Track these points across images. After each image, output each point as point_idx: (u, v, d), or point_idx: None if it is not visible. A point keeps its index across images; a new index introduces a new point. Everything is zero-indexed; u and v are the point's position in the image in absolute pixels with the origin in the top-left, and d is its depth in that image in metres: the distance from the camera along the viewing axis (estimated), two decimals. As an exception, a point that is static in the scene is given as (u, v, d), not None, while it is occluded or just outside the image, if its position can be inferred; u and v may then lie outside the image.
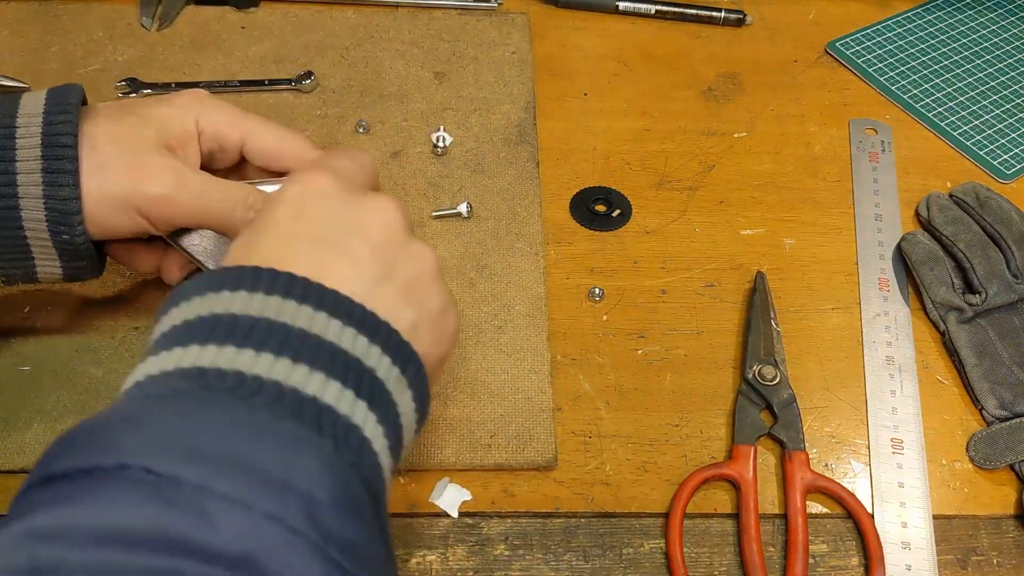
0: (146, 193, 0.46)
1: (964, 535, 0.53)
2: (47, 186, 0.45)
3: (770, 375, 0.56)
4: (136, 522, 0.27)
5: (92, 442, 0.30)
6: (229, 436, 0.30)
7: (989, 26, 0.82)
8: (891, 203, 0.68)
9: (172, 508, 0.27)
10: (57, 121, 0.46)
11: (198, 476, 0.28)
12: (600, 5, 0.79)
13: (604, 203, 0.66)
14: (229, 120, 0.51)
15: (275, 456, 0.30)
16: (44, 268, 0.48)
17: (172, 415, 0.31)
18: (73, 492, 0.28)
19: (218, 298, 0.35)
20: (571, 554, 0.51)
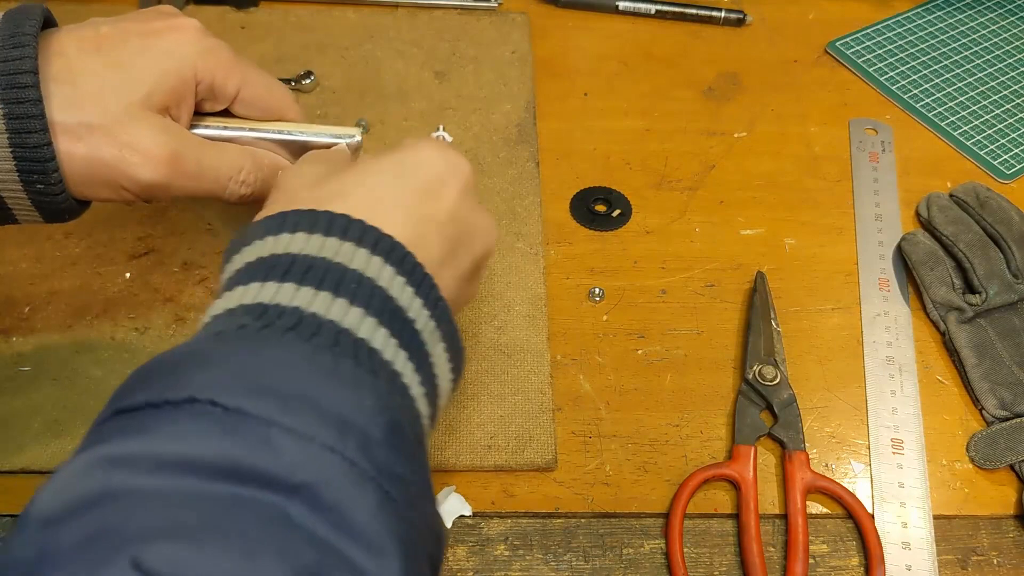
0: (136, 178, 0.43)
1: (964, 535, 0.53)
2: (12, 133, 0.41)
3: (770, 375, 0.56)
4: (203, 451, 0.28)
5: (162, 378, 0.31)
6: (291, 373, 0.31)
7: (989, 26, 0.82)
8: (891, 203, 0.68)
9: (237, 438, 0.29)
10: (13, 56, 0.40)
11: (262, 410, 0.29)
12: (600, 5, 0.79)
13: (604, 203, 0.66)
14: (228, 68, 0.47)
15: (334, 393, 0.31)
16: (23, 216, 0.45)
17: (237, 352, 0.32)
18: (144, 423, 0.30)
19: (277, 240, 0.35)
20: (571, 554, 0.51)
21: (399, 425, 0.33)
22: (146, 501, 0.27)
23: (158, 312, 0.58)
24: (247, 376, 0.31)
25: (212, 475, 0.28)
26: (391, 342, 0.34)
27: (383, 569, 0.28)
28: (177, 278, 0.59)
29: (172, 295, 0.58)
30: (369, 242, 0.35)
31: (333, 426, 0.30)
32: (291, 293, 0.33)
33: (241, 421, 0.29)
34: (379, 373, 0.33)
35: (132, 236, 0.61)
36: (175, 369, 0.32)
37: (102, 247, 0.60)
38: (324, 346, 0.32)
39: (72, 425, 0.53)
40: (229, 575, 0.26)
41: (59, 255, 0.60)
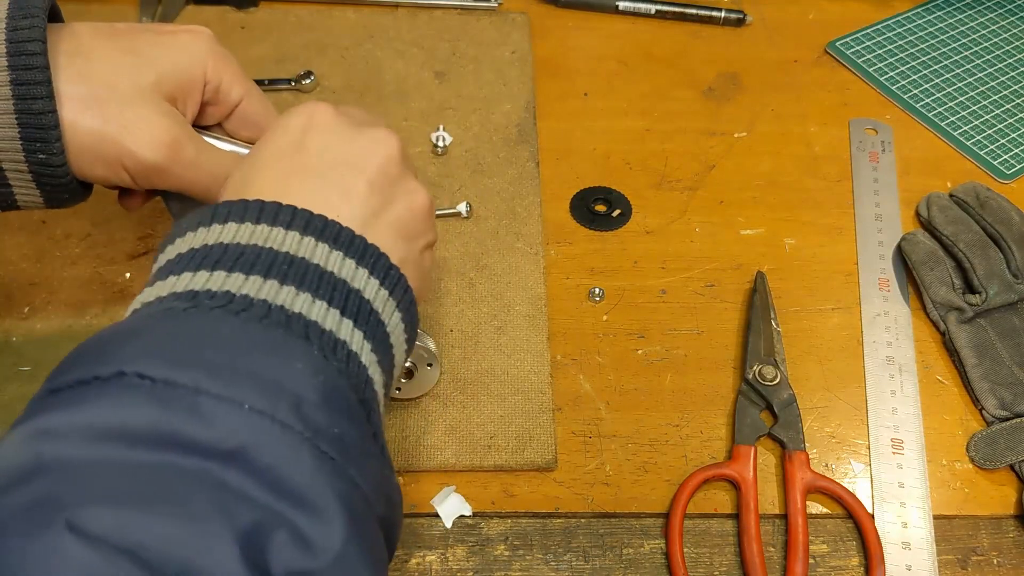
0: (137, 156, 0.43)
1: (964, 535, 0.53)
2: (18, 99, 0.41)
3: (770, 375, 0.56)
4: (134, 421, 0.29)
5: (90, 355, 0.32)
6: (219, 343, 0.32)
7: (989, 26, 0.82)
8: (891, 203, 0.68)
9: (167, 408, 0.29)
10: (23, 26, 0.41)
11: (191, 379, 0.30)
12: (600, 5, 0.79)
13: (604, 203, 0.66)
14: (235, 75, 0.48)
15: (264, 360, 0.31)
16: (23, 195, 0.45)
17: (165, 327, 0.32)
18: (74, 398, 0.30)
19: (209, 231, 0.36)
20: (571, 554, 0.51)
21: (336, 388, 0.33)
22: (80, 470, 0.27)
23: (158, 312, 0.58)
24: (174, 348, 0.31)
25: (145, 444, 0.28)
26: (331, 312, 0.35)
27: (325, 527, 0.29)
28: (177, 278, 0.59)
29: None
30: (298, 225, 0.36)
31: (263, 391, 0.30)
32: (221, 279, 0.34)
33: (170, 391, 0.29)
34: (313, 340, 0.33)
35: (132, 236, 0.61)
36: (103, 346, 0.32)
37: (102, 247, 0.60)
38: (253, 319, 0.33)
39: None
40: (169, 539, 0.26)
41: (59, 255, 0.60)
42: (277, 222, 0.36)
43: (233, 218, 0.36)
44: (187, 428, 0.29)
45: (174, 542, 0.26)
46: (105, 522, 0.26)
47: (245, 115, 0.49)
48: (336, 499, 0.30)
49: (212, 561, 0.26)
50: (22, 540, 0.25)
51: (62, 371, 0.32)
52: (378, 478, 0.33)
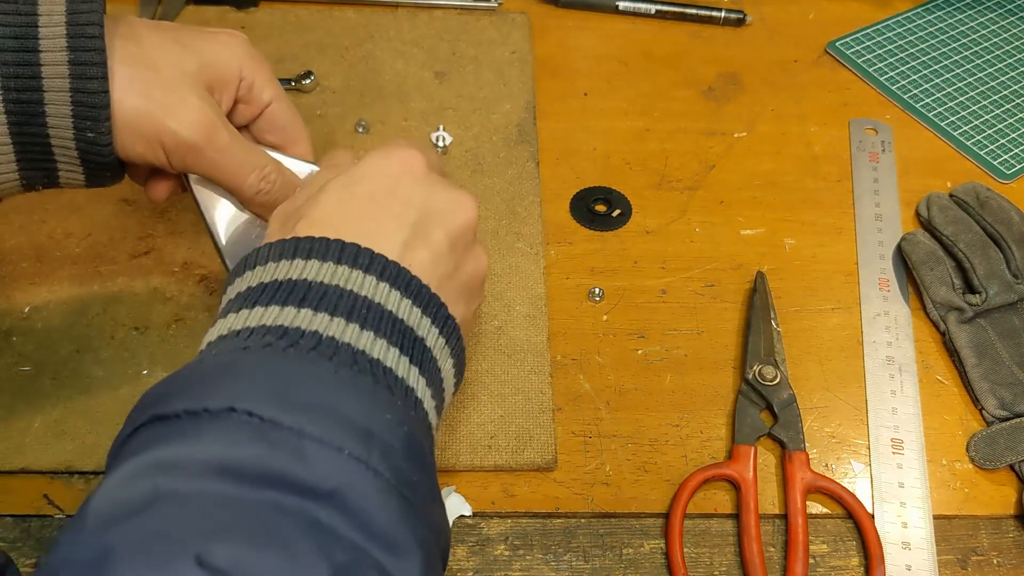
0: (175, 133, 0.45)
1: (964, 535, 0.53)
2: (74, 78, 0.43)
3: (770, 375, 0.56)
4: (243, 458, 0.31)
5: (197, 386, 0.34)
6: (319, 388, 0.34)
7: (989, 26, 0.82)
8: (891, 203, 0.68)
9: (273, 447, 0.31)
10: (83, 10, 0.43)
11: (295, 421, 0.32)
12: (600, 5, 0.79)
13: (604, 203, 0.66)
14: (268, 77, 0.50)
15: (358, 407, 0.34)
16: (66, 173, 0.47)
17: (266, 366, 0.34)
18: (187, 429, 0.32)
19: (292, 264, 0.38)
20: (571, 554, 0.51)
21: (415, 437, 0.35)
22: (195, 504, 0.29)
23: (158, 312, 0.58)
24: (278, 388, 0.33)
25: (252, 482, 0.30)
26: (403, 360, 0.37)
27: (407, 566, 0.31)
28: (177, 278, 0.59)
29: (172, 295, 0.58)
30: (376, 270, 0.38)
31: (359, 438, 0.33)
32: (309, 318, 0.36)
33: (275, 431, 0.32)
34: (394, 389, 0.36)
35: (132, 236, 0.61)
36: (209, 379, 0.34)
37: (102, 247, 0.60)
38: (344, 364, 0.35)
39: (72, 425, 0.53)
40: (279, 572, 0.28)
41: (59, 255, 0.60)
42: (357, 265, 0.38)
43: (316, 256, 0.38)
44: (291, 468, 0.31)
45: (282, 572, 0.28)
46: (227, 556, 0.28)
47: (273, 118, 0.51)
48: (415, 541, 0.32)
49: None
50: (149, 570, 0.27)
51: (167, 396, 0.34)
52: (440, 518, 0.36)
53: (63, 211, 0.62)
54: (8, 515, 0.50)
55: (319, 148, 0.67)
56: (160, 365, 0.55)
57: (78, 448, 0.52)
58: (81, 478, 0.51)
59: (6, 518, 0.50)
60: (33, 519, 0.50)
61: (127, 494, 0.30)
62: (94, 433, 0.52)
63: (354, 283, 0.37)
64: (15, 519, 0.50)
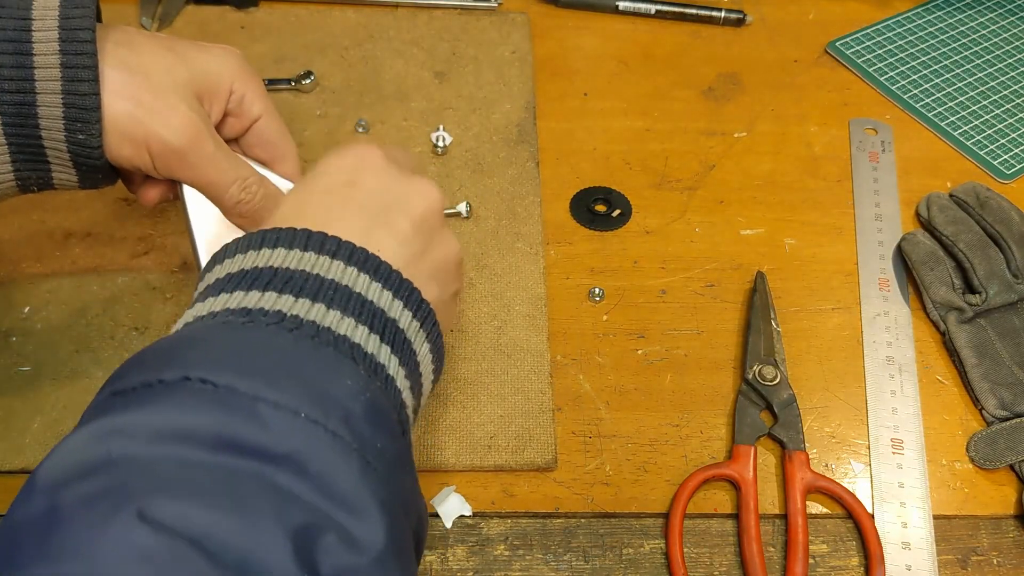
0: (162, 137, 0.46)
1: (964, 535, 0.53)
2: (66, 81, 0.44)
3: (770, 375, 0.56)
4: (198, 423, 0.31)
5: (155, 360, 0.34)
6: (276, 356, 0.34)
7: (989, 26, 0.82)
8: (891, 203, 0.68)
9: (229, 412, 0.31)
10: (74, 15, 0.45)
11: (251, 387, 0.32)
12: (600, 5, 0.79)
13: (604, 203, 0.66)
14: (258, 92, 0.52)
15: (317, 374, 0.34)
16: (59, 174, 0.48)
17: (224, 337, 0.35)
18: (141, 399, 0.32)
19: (259, 254, 0.38)
20: (571, 554, 0.51)
21: (379, 406, 0.35)
22: (146, 466, 0.29)
23: (158, 312, 0.58)
24: (235, 357, 0.33)
25: (206, 445, 0.30)
26: (372, 338, 0.37)
27: (369, 528, 0.31)
28: (177, 278, 0.59)
29: (172, 295, 0.58)
30: (343, 255, 0.38)
31: (316, 402, 0.32)
32: (273, 299, 0.36)
33: (231, 396, 0.32)
34: (359, 361, 0.36)
35: (132, 236, 0.61)
36: (165, 353, 0.34)
37: (102, 247, 0.60)
38: (305, 336, 0.35)
39: (71, 425, 0.52)
40: (229, 531, 0.28)
41: (59, 255, 0.60)
42: (323, 251, 0.38)
43: (282, 244, 0.38)
44: (246, 432, 0.31)
45: (233, 535, 0.28)
46: (172, 512, 0.28)
47: (262, 133, 0.52)
48: (378, 505, 0.32)
49: (267, 555, 0.28)
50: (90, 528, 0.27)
51: (124, 374, 0.34)
52: (411, 493, 0.36)
53: (63, 211, 0.62)
54: (8, 515, 0.50)
55: (319, 148, 0.67)
56: (160, 365, 0.55)
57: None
58: (81, 478, 0.51)
59: (6, 518, 0.50)
60: (33, 519, 0.50)
61: (78, 458, 0.30)
62: (94, 433, 0.52)
63: (321, 267, 0.37)
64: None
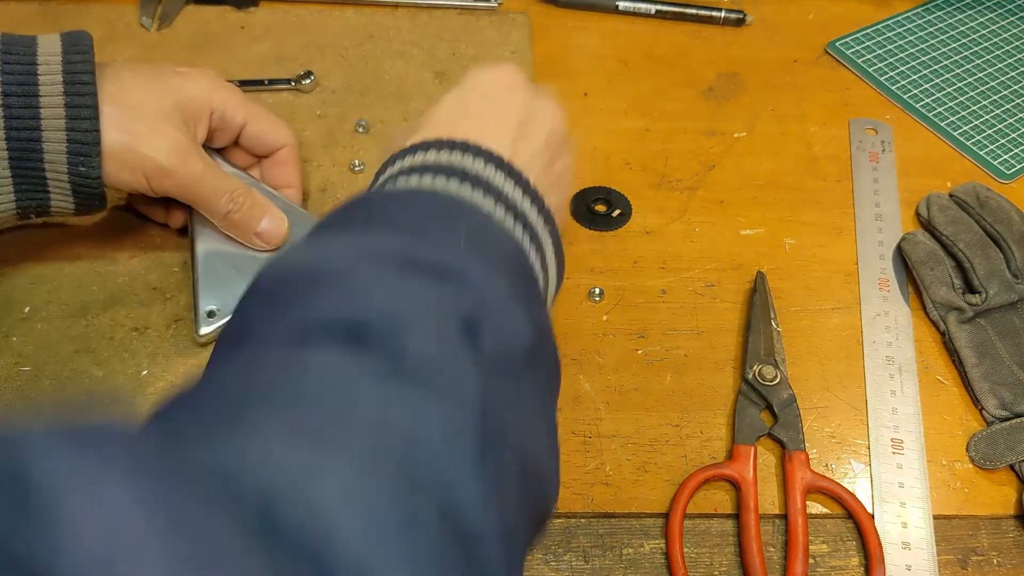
0: (154, 159, 0.52)
1: (964, 535, 0.53)
2: (70, 119, 0.50)
3: (770, 375, 0.56)
4: (381, 243, 0.38)
5: (344, 212, 0.41)
6: (439, 208, 0.41)
7: (989, 26, 0.82)
8: (891, 203, 0.68)
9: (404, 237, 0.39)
10: (76, 60, 0.50)
11: (423, 224, 0.39)
12: (600, 5, 0.79)
13: (604, 203, 0.66)
14: (236, 103, 0.57)
15: (473, 221, 0.40)
16: (57, 202, 0.53)
17: (400, 199, 0.42)
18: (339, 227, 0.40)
19: (414, 157, 0.44)
20: (571, 554, 0.51)
21: (520, 254, 0.42)
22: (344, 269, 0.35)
23: (158, 312, 0.58)
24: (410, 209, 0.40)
25: (389, 259, 0.36)
26: (508, 217, 0.43)
27: (518, 330, 0.37)
28: (177, 278, 0.59)
29: (172, 295, 0.58)
30: (493, 160, 0.44)
31: (473, 237, 0.39)
32: (429, 181, 0.43)
33: (406, 227, 0.39)
34: (500, 228, 0.42)
35: (132, 236, 0.61)
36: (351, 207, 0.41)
37: (102, 247, 0.60)
38: (460, 201, 0.41)
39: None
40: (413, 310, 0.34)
41: (59, 255, 0.60)
42: (488, 160, 0.44)
43: (433, 148, 0.44)
44: (418, 250, 0.37)
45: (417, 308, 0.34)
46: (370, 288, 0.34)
47: (251, 135, 0.59)
48: (525, 313, 0.38)
49: (443, 327, 0.34)
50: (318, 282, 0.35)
51: (322, 224, 0.41)
52: (546, 324, 0.41)
53: (63, 211, 0.62)
54: (8, 515, 0.50)
55: (319, 148, 0.67)
56: (160, 365, 0.55)
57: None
58: (81, 478, 0.51)
59: (6, 518, 0.50)
60: (33, 519, 0.50)
61: (296, 258, 0.37)
62: (94, 433, 0.52)
63: (468, 164, 0.43)
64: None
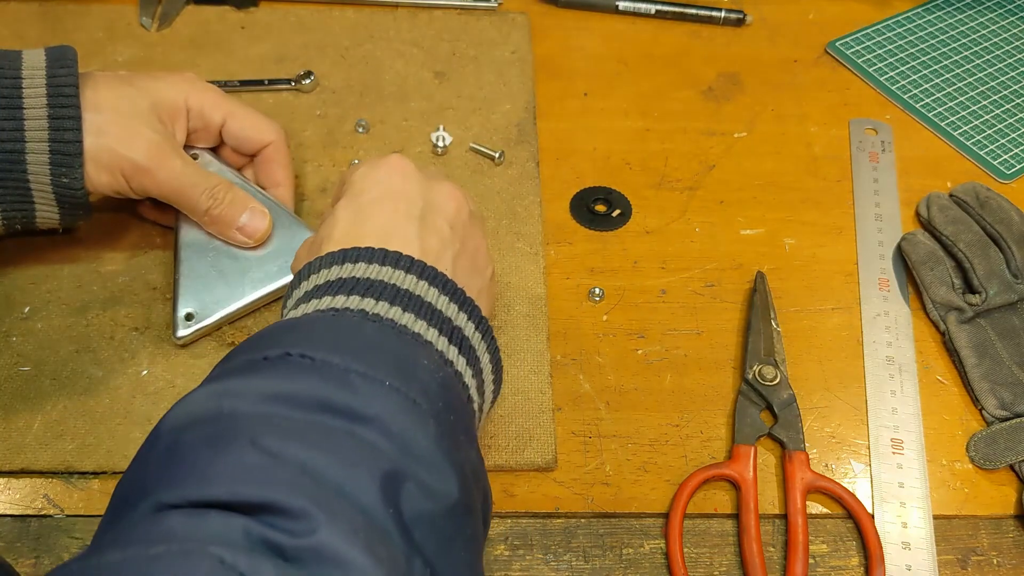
0: (131, 159, 0.53)
1: (964, 535, 0.53)
2: (53, 131, 0.50)
3: (770, 375, 0.56)
4: (297, 388, 0.36)
5: (258, 343, 0.39)
6: (363, 338, 0.39)
7: (989, 26, 0.82)
8: (891, 203, 0.68)
9: (324, 380, 0.36)
10: (60, 74, 0.51)
11: (343, 360, 0.37)
12: (600, 5, 0.79)
13: (604, 203, 0.66)
14: (214, 101, 0.58)
15: (399, 353, 0.39)
16: (43, 213, 0.53)
17: (318, 325, 0.40)
18: (249, 370, 0.37)
19: (341, 268, 0.43)
20: (571, 554, 0.51)
21: (451, 385, 0.40)
22: (253, 417, 0.34)
23: (158, 312, 0.58)
24: (328, 338, 0.38)
25: (304, 406, 0.35)
26: (442, 338, 0.42)
27: (444, 484, 0.35)
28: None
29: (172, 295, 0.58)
30: (416, 270, 0.43)
31: (399, 374, 0.37)
32: (357, 301, 0.41)
33: (326, 367, 0.37)
34: (433, 354, 0.41)
35: (132, 236, 0.61)
36: (267, 337, 0.39)
37: (102, 247, 0.60)
38: (387, 327, 0.40)
39: (72, 425, 0.53)
40: (327, 465, 0.33)
41: (59, 255, 0.60)
42: (399, 266, 0.43)
43: (362, 259, 0.43)
44: (338, 396, 0.35)
45: (330, 468, 0.33)
46: (278, 445, 0.33)
47: (233, 133, 0.59)
48: (452, 464, 0.36)
49: (359, 489, 0.33)
50: (209, 453, 0.33)
51: (231, 357, 0.39)
52: (479, 465, 0.40)
53: (63, 211, 0.62)
54: (8, 515, 0.50)
55: (319, 148, 0.67)
56: (160, 365, 0.55)
57: (78, 448, 0.52)
58: (81, 478, 0.51)
59: (6, 518, 0.50)
60: (33, 519, 0.50)
61: (194, 410, 0.35)
62: (94, 433, 0.52)
63: (396, 279, 0.42)
64: (15, 519, 0.50)
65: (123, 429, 0.53)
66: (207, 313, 0.56)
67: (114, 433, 0.53)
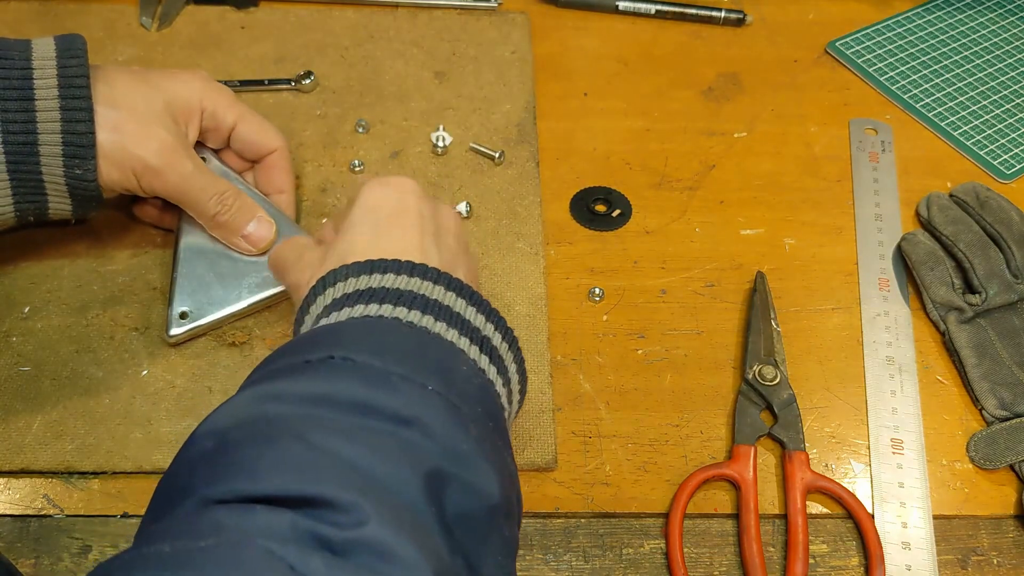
0: (143, 159, 0.52)
1: (964, 535, 0.53)
2: (65, 122, 0.50)
3: (770, 375, 0.56)
4: (339, 390, 0.36)
5: (299, 347, 0.40)
6: (403, 343, 0.40)
7: (989, 26, 0.82)
8: (891, 203, 0.68)
9: (366, 382, 0.37)
10: (71, 64, 0.51)
11: (384, 363, 0.37)
12: (600, 5, 0.79)
13: (604, 203, 0.66)
14: (227, 103, 0.58)
15: (438, 358, 0.40)
16: (55, 205, 0.53)
17: (359, 329, 0.40)
18: (292, 373, 0.38)
19: (370, 278, 0.43)
20: (571, 554, 0.51)
21: (487, 390, 0.41)
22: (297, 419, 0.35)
23: (158, 312, 0.58)
24: (370, 342, 0.39)
25: (347, 407, 0.35)
26: (473, 347, 0.42)
27: (485, 484, 0.36)
28: (177, 278, 0.59)
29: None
30: (443, 282, 0.43)
31: (439, 378, 0.38)
32: (389, 309, 0.42)
33: (368, 370, 0.37)
34: (467, 361, 0.41)
35: (132, 236, 0.61)
36: (309, 341, 0.40)
37: (102, 247, 0.60)
38: (422, 332, 0.41)
39: (72, 425, 0.53)
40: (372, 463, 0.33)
41: (59, 255, 0.60)
42: (427, 277, 0.43)
43: (390, 271, 0.43)
44: (380, 398, 0.36)
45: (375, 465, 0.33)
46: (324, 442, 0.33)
47: (242, 137, 0.59)
48: (492, 466, 0.36)
49: (404, 485, 0.33)
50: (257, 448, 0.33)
51: (272, 360, 0.40)
52: (514, 472, 0.40)
53: (63, 211, 0.62)
54: (8, 515, 0.50)
55: (319, 148, 0.67)
56: (160, 365, 0.55)
57: (78, 448, 0.52)
58: (81, 478, 0.51)
59: (6, 518, 0.50)
60: (33, 519, 0.50)
61: (238, 414, 0.36)
62: (94, 433, 0.52)
63: (425, 289, 0.43)
64: (15, 519, 0.50)
65: (123, 429, 0.53)
66: (202, 314, 0.56)
67: (114, 433, 0.53)
